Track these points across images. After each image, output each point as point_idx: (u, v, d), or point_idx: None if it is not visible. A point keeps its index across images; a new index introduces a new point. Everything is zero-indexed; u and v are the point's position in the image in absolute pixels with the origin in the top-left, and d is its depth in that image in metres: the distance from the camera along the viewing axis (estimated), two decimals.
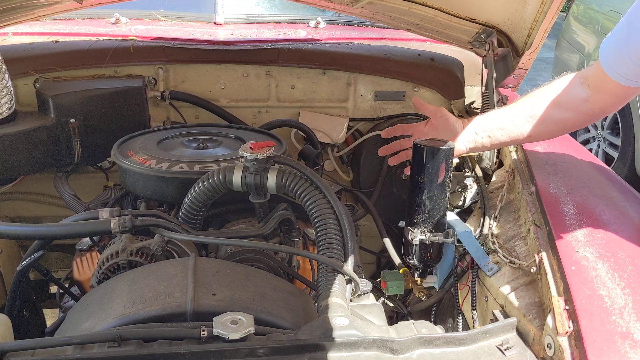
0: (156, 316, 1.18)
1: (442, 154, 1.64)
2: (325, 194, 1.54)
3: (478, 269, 1.57)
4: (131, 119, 2.22)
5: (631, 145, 4.87)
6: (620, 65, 1.40)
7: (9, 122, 2.02)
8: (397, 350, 1.14)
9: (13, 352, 1.11)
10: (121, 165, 1.80)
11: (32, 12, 2.16)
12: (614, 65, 1.42)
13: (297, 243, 1.72)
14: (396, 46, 2.61)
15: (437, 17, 2.04)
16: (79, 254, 1.72)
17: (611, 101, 1.51)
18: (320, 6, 2.37)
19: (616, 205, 1.54)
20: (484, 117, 1.73)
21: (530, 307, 1.33)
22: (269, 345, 1.11)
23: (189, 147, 1.94)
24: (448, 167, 1.63)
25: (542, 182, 1.62)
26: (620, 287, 1.23)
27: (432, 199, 1.64)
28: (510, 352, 1.20)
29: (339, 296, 1.34)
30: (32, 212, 2.44)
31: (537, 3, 1.72)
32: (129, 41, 2.38)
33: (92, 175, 2.38)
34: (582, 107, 1.54)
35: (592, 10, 5.88)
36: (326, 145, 2.51)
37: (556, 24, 1.89)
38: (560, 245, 1.34)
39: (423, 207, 1.67)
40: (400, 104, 2.52)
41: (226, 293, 1.26)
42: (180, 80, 2.41)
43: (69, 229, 1.53)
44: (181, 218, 1.64)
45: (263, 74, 2.43)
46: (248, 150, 1.56)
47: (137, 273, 1.36)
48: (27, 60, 2.26)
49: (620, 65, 1.41)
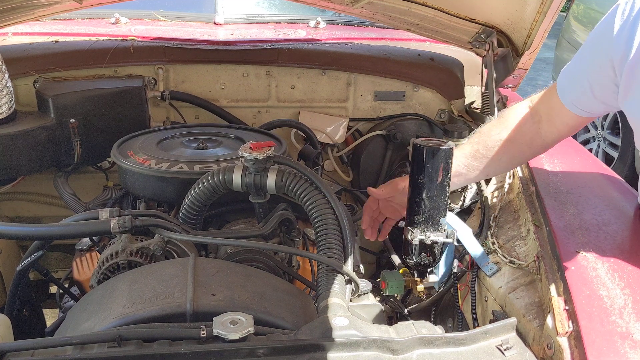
0: (156, 316, 1.18)
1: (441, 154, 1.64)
2: (325, 194, 1.54)
3: (478, 269, 1.57)
4: (131, 119, 2.22)
5: (631, 145, 4.86)
6: (579, 97, 1.41)
7: (9, 122, 2.02)
8: (396, 350, 1.14)
9: (13, 352, 1.11)
10: (121, 166, 1.80)
11: (32, 12, 2.16)
12: (572, 97, 1.43)
13: (297, 243, 1.72)
14: (396, 46, 2.61)
15: (437, 17, 2.04)
16: (79, 254, 1.72)
17: (565, 131, 1.52)
18: (320, 6, 2.37)
19: (616, 205, 1.54)
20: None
21: (530, 307, 1.33)
22: (268, 345, 1.11)
23: (189, 147, 1.94)
24: (448, 167, 1.63)
25: (542, 182, 1.62)
26: (620, 287, 1.23)
27: (432, 199, 1.64)
28: (510, 352, 1.19)
29: (338, 296, 1.34)
30: (32, 212, 2.44)
31: (537, 3, 1.72)
32: (129, 41, 2.38)
33: (92, 175, 2.38)
34: (535, 141, 1.55)
35: (592, 10, 5.88)
36: (326, 145, 2.51)
37: (556, 23, 1.89)
38: (560, 245, 1.34)
39: (423, 207, 1.67)
40: (400, 104, 2.52)
41: (226, 293, 1.26)
42: (180, 80, 2.41)
43: (68, 229, 1.53)
44: (181, 218, 1.64)
45: (263, 74, 2.44)
46: (248, 151, 1.56)
47: (137, 273, 1.36)
48: (27, 60, 2.26)
49: (579, 97, 1.42)
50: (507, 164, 1.62)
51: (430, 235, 1.67)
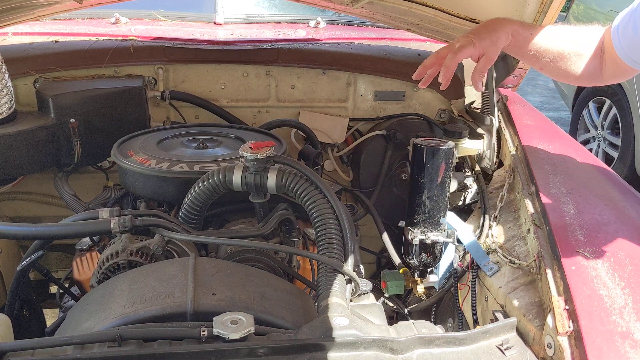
0: (156, 316, 1.18)
1: (442, 154, 1.64)
2: (325, 194, 1.54)
3: (478, 268, 1.57)
4: (131, 119, 2.22)
5: (631, 145, 4.87)
6: (632, 49, 1.41)
7: (9, 122, 2.01)
8: (397, 350, 1.14)
9: (13, 352, 1.11)
10: (121, 165, 1.80)
11: (32, 12, 2.16)
12: (627, 49, 1.43)
13: (297, 243, 1.72)
14: (396, 46, 2.61)
15: (437, 17, 2.04)
16: (79, 254, 1.72)
17: (618, 73, 1.53)
18: (320, 6, 2.37)
19: (616, 205, 1.54)
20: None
21: (530, 307, 1.33)
22: (269, 345, 1.11)
23: (189, 147, 1.94)
24: (448, 167, 1.63)
25: (542, 182, 1.61)
26: (620, 287, 1.23)
27: (432, 199, 1.65)
28: (510, 352, 1.20)
29: (339, 296, 1.34)
30: (32, 212, 2.44)
31: (537, 3, 1.72)
32: (129, 41, 2.38)
33: (92, 175, 2.38)
34: (596, 73, 1.55)
35: (592, 10, 5.89)
36: (326, 145, 2.51)
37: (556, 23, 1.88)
38: (560, 245, 1.34)
39: (423, 207, 1.67)
40: (400, 104, 2.52)
41: (226, 293, 1.26)
42: (180, 80, 2.41)
43: (69, 229, 1.53)
44: (181, 218, 1.64)
45: (263, 74, 2.44)
46: (248, 150, 1.56)
47: (137, 273, 1.36)
48: (27, 60, 2.26)
49: (630, 48, 1.41)
50: (572, 68, 1.58)
51: (430, 235, 1.67)
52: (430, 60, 1.57)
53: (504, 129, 2.01)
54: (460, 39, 1.56)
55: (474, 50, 1.54)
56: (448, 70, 1.53)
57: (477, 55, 1.56)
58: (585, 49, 1.54)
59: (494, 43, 1.55)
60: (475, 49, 1.54)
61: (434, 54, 1.57)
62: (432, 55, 1.57)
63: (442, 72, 1.53)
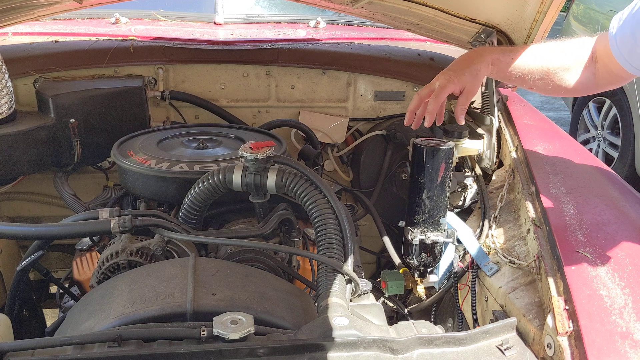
0: (156, 316, 1.18)
1: (441, 154, 1.64)
2: (325, 194, 1.54)
3: (478, 269, 1.57)
4: (131, 119, 2.22)
5: (631, 145, 4.87)
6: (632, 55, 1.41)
7: (9, 122, 2.02)
8: (397, 350, 1.14)
9: (13, 352, 1.11)
10: (121, 165, 1.80)
11: (32, 12, 2.16)
12: (628, 56, 1.42)
13: (297, 243, 1.72)
14: (396, 46, 2.61)
15: (437, 17, 2.04)
16: (79, 254, 1.72)
17: (614, 80, 1.53)
18: (320, 6, 2.37)
19: (616, 205, 1.54)
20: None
21: (530, 307, 1.33)
22: (268, 345, 1.11)
23: (189, 147, 1.94)
24: (448, 167, 1.63)
25: (542, 182, 1.61)
26: (620, 287, 1.23)
27: (432, 199, 1.64)
28: (510, 352, 1.19)
29: (338, 296, 1.34)
30: (32, 212, 2.44)
31: (537, 3, 1.72)
32: (129, 41, 2.38)
33: (92, 175, 2.38)
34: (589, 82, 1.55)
35: (592, 10, 5.89)
36: (326, 145, 2.51)
37: (556, 23, 1.89)
38: (560, 245, 1.34)
39: (423, 207, 1.67)
40: (400, 104, 2.52)
41: (226, 293, 1.26)
42: (180, 80, 2.41)
43: (69, 229, 1.53)
44: (181, 218, 1.64)
45: (263, 74, 2.44)
46: (248, 150, 1.56)
47: (137, 273, 1.36)
48: (27, 60, 2.26)
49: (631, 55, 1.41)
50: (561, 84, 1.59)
51: (430, 235, 1.67)
52: (413, 104, 1.62)
53: (504, 129, 2.00)
54: (439, 77, 1.60)
55: (454, 87, 1.58)
56: (431, 115, 1.58)
57: (458, 90, 1.60)
58: (573, 61, 1.55)
59: (474, 76, 1.59)
60: (455, 85, 1.58)
61: (416, 95, 1.62)
62: (415, 97, 1.62)
63: (427, 119, 1.59)
